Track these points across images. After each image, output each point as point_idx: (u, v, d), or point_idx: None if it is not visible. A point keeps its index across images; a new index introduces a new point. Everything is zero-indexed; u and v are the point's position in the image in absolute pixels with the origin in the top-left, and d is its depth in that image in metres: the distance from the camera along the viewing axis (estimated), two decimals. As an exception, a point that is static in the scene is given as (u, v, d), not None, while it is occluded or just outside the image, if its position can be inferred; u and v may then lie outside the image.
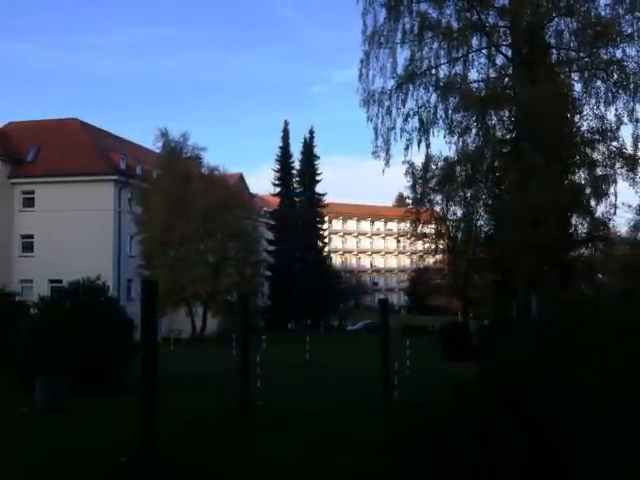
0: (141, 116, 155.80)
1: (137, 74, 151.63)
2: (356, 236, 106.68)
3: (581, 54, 25.91)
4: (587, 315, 6.56)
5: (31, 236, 45.92)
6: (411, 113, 27.12)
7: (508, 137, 27.00)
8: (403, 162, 27.81)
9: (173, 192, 40.64)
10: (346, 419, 10.17)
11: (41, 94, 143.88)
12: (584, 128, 25.70)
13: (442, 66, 26.94)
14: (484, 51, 27.22)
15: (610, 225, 26.77)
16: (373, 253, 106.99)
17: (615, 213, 25.69)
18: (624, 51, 24.94)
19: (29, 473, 7.10)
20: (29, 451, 8.22)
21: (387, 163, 27.77)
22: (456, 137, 26.55)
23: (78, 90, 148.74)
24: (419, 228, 31.38)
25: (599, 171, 25.39)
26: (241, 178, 61.61)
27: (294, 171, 66.98)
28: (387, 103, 27.31)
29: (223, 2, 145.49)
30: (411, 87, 27.07)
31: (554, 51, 26.92)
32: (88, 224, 43.44)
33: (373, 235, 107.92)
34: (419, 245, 34.37)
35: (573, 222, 26.84)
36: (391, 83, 27.39)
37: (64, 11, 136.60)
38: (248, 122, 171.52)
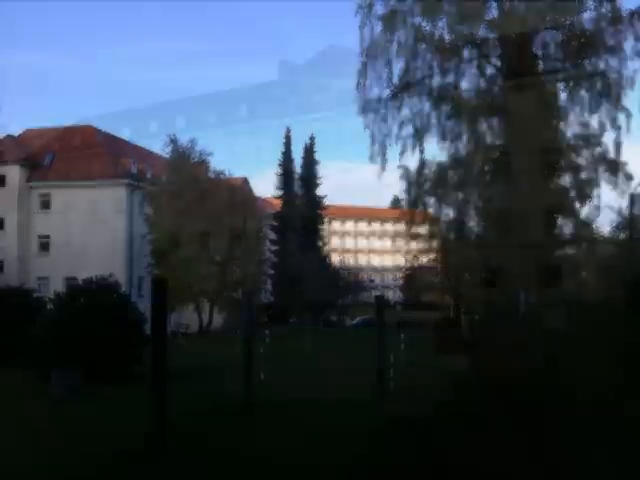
0: (150, 123, 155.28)
1: (147, 83, 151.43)
2: (354, 236, 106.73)
3: (566, 65, 25.93)
4: (570, 315, 6.60)
5: (47, 236, 45.93)
6: (406, 121, 26.93)
7: (497, 143, 27.03)
8: (398, 167, 27.60)
9: (181, 195, 40.67)
10: (344, 407, 10.19)
11: (56, 102, 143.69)
12: (569, 135, 25.72)
13: (435, 76, 26.95)
14: (475, 62, 27.25)
15: (594, 226, 26.77)
16: (370, 252, 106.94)
17: (598, 215, 25.69)
18: (607, 62, 24.92)
19: (38, 465, 7.10)
20: (40, 441, 8.23)
21: (383, 168, 27.61)
22: (448, 143, 26.52)
23: (91, 98, 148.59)
24: (413, 229, 31.43)
25: (583, 175, 25.38)
26: (245, 182, 61.47)
27: (295, 175, 67.08)
28: (383, 111, 27.24)
29: (229, 16, 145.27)
30: (406, 96, 27.00)
31: (541, 62, 26.94)
32: (101, 225, 43.47)
33: (370, 235, 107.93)
34: (413, 245, 34.43)
35: (559, 223, 26.85)
36: (387, 92, 27.41)
37: (76, 23, 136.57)
38: (252, 129, 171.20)
